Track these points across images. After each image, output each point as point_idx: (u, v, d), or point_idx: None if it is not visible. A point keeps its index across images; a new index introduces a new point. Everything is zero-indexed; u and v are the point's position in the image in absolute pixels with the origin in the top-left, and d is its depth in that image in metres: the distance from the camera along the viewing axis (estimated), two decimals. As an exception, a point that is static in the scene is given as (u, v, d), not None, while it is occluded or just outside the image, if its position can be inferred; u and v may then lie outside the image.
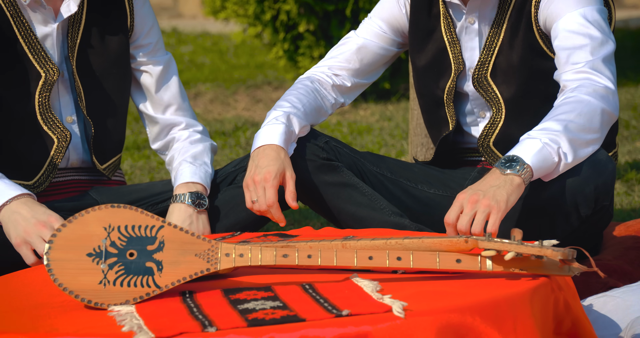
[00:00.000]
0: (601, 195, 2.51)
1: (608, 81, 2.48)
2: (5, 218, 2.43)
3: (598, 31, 2.54)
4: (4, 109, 2.64)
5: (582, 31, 2.54)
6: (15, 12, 2.62)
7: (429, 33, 2.77)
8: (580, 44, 2.53)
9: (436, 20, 2.76)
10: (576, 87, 2.47)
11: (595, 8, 2.58)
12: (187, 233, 2.06)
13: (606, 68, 2.51)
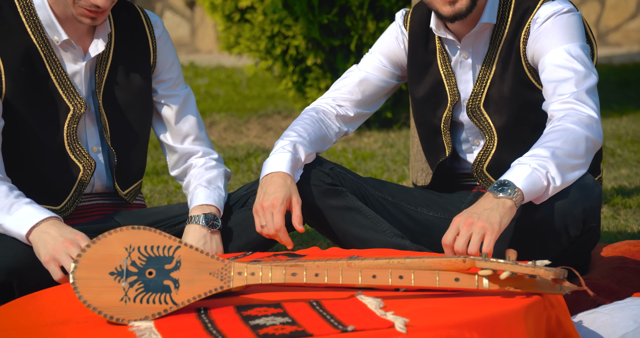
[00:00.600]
0: (589, 217, 2.50)
1: (592, 111, 2.49)
2: (36, 238, 2.42)
3: (581, 65, 2.55)
4: (34, 139, 2.64)
5: (566, 65, 2.55)
6: (48, 51, 2.63)
7: (426, 66, 2.77)
8: (565, 77, 2.54)
9: (432, 55, 2.76)
10: (562, 116, 2.48)
11: (578, 44, 2.59)
12: (202, 253, 2.06)
13: (590, 99, 2.51)
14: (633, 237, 3.42)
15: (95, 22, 2.54)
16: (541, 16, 2.62)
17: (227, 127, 5.51)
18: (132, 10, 2.74)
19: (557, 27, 2.61)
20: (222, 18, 5.33)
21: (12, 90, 2.59)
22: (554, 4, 2.63)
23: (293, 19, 5.04)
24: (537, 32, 2.62)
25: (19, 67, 2.59)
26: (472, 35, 2.69)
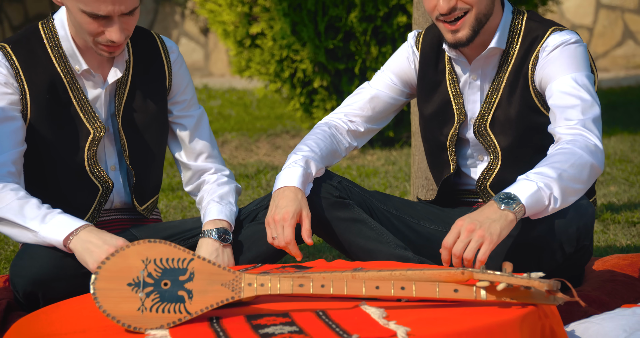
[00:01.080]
0: (582, 235, 2.49)
1: (597, 140, 2.48)
2: (79, 248, 2.42)
3: (588, 94, 2.54)
4: (57, 161, 2.65)
5: (574, 93, 2.54)
6: (71, 79, 2.63)
7: (435, 86, 2.76)
8: (572, 104, 2.52)
9: (442, 75, 2.75)
10: (570, 140, 2.46)
11: (584, 74, 2.58)
12: (214, 265, 2.06)
13: (595, 128, 2.50)
14: (622, 251, 3.40)
15: (113, 54, 2.56)
16: (550, 45, 2.61)
17: (238, 145, 5.52)
18: (149, 37, 2.75)
19: (564, 56, 2.60)
20: (234, 44, 5.34)
21: (37, 115, 2.60)
22: (562, 34, 2.62)
23: (301, 44, 5.05)
24: (546, 60, 2.61)
25: (44, 94, 2.60)
26: (481, 59, 2.68)
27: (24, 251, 2.51)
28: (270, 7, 5.05)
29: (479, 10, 2.59)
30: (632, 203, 4.06)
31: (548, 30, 2.64)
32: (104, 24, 2.48)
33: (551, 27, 2.65)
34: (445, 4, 2.56)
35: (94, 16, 2.47)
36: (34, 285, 2.46)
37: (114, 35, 2.49)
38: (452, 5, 2.57)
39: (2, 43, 2.62)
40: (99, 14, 2.46)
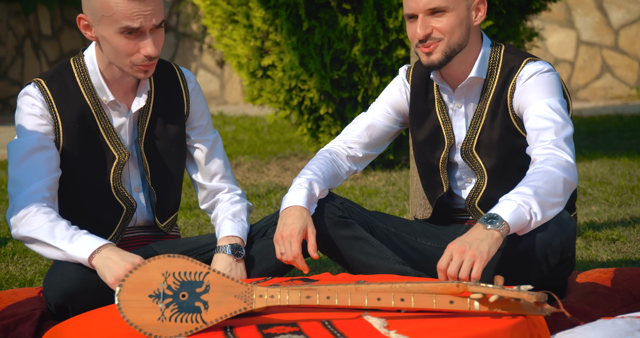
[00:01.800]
0: (565, 248, 2.48)
1: (569, 157, 2.48)
2: (100, 264, 2.42)
3: (560, 117, 2.55)
4: (85, 184, 2.65)
5: (547, 116, 2.54)
6: (98, 109, 2.63)
7: (426, 114, 2.76)
8: (546, 126, 2.53)
9: (431, 104, 2.76)
10: (544, 160, 2.47)
11: (557, 99, 2.59)
12: (228, 278, 2.05)
13: (567, 146, 2.51)
14: (603, 265, 3.39)
15: (147, 75, 2.56)
16: (525, 74, 2.62)
17: (250, 167, 5.51)
18: (169, 68, 2.75)
19: (539, 84, 2.60)
20: (247, 75, 5.35)
21: (68, 143, 2.60)
22: (536, 64, 2.63)
23: (308, 75, 5.06)
24: (522, 88, 2.62)
25: (75, 124, 2.61)
26: (463, 87, 2.69)
27: (55, 267, 2.51)
28: (280, 41, 5.06)
29: (451, 39, 2.60)
30: (612, 221, 4.04)
31: (523, 60, 2.65)
32: (138, 41, 2.49)
33: (526, 58, 2.67)
34: (421, 31, 2.59)
35: (129, 32, 2.48)
36: (64, 298, 2.46)
37: (149, 49, 2.49)
38: (428, 33, 2.59)
39: (38, 78, 2.63)
40: (133, 27, 2.46)
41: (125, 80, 2.63)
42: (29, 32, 7.76)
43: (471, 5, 2.62)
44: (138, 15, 2.45)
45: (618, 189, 4.62)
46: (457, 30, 2.60)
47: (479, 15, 2.64)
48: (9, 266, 3.56)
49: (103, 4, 2.47)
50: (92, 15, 2.51)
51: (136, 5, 2.45)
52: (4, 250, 3.76)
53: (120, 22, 2.46)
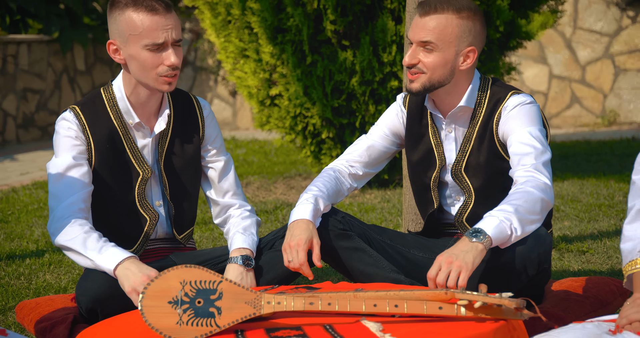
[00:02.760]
0: (542, 260, 2.47)
1: (547, 179, 2.48)
2: (121, 274, 2.42)
3: (539, 144, 2.55)
4: (113, 198, 2.65)
5: (528, 143, 2.54)
6: (125, 131, 2.64)
7: (420, 137, 2.75)
8: (527, 152, 2.53)
9: (425, 128, 2.74)
10: (524, 181, 2.46)
11: (537, 128, 2.59)
12: (239, 286, 2.03)
13: (545, 170, 2.50)
14: (574, 275, 3.37)
15: (170, 87, 2.58)
16: (510, 105, 2.62)
17: (259, 186, 5.49)
18: (187, 97, 2.75)
19: (521, 114, 2.60)
20: (257, 103, 5.35)
21: (99, 161, 2.61)
22: (519, 96, 2.63)
23: (311, 103, 5.06)
24: (507, 117, 2.62)
25: (105, 144, 2.61)
26: (453, 115, 2.68)
27: (86, 275, 2.51)
28: (286, 73, 5.06)
29: (433, 76, 2.60)
30: (582, 235, 4.03)
31: (509, 93, 2.65)
32: (161, 54, 2.53)
33: (511, 90, 2.67)
34: (408, 59, 2.61)
35: (154, 47, 2.51)
36: (94, 302, 2.45)
37: (172, 59, 2.52)
38: (413, 63, 2.61)
39: (73, 105, 2.65)
40: (157, 42, 2.50)
41: (149, 103, 2.64)
42: (65, 68, 7.86)
43: (461, 52, 2.60)
44: (161, 30, 2.50)
45: (587, 206, 4.60)
46: (440, 70, 2.59)
47: (466, 61, 2.62)
48: (45, 275, 3.55)
49: (130, 24, 2.51)
50: (120, 38, 2.54)
51: (159, 20, 2.49)
52: (41, 261, 3.75)
53: (146, 38, 2.50)
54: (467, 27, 2.59)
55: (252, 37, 5.08)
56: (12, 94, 7.23)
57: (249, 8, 4.95)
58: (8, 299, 3.21)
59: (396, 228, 4.22)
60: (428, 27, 2.58)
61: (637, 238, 2.14)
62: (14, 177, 5.95)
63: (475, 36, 2.62)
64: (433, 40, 2.58)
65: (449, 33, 2.57)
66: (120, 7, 2.53)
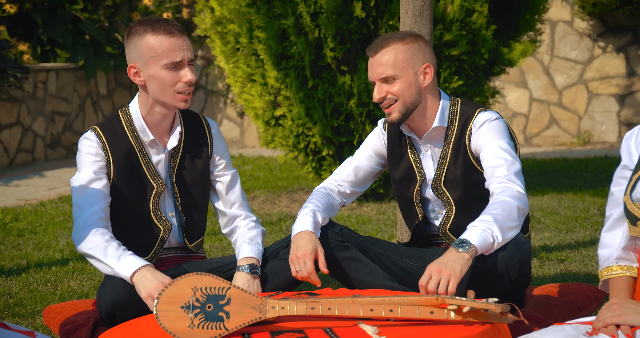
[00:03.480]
0: (523, 265, 2.45)
1: (520, 188, 2.47)
2: (137, 281, 2.40)
3: (509, 156, 2.54)
4: (130, 209, 2.64)
5: (499, 155, 2.54)
6: (141, 148, 2.64)
7: (400, 157, 2.75)
8: (499, 164, 2.52)
9: (404, 148, 2.74)
10: (500, 192, 2.46)
11: (505, 141, 2.59)
12: (246, 292, 2.01)
13: (517, 179, 2.50)
14: (554, 281, 3.34)
15: (186, 104, 2.59)
16: (478, 122, 2.62)
17: (264, 199, 5.47)
18: (197, 117, 2.76)
19: (490, 129, 2.61)
20: (263, 123, 5.34)
21: (117, 176, 2.61)
22: (486, 113, 2.63)
23: (312, 123, 5.05)
24: (477, 133, 2.62)
25: (122, 160, 2.61)
26: (427, 136, 2.68)
27: (106, 281, 2.50)
28: (290, 96, 5.06)
29: (404, 100, 2.60)
30: (561, 245, 4.00)
31: (476, 110, 2.65)
32: (179, 72, 2.55)
33: (478, 108, 2.67)
34: (377, 95, 2.61)
35: (172, 66, 2.54)
36: (114, 306, 2.44)
37: (189, 76, 2.55)
38: (383, 96, 2.61)
39: (94, 126, 2.66)
40: (175, 61, 2.53)
41: (163, 122, 2.64)
42: (89, 93, 7.92)
43: (418, 71, 2.61)
44: (178, 50, 2.53)
45: (565, 218, 4.58)
46: (408, 92, 2.60)
47: (426, 78, 2.63)
48: (70, 281, 3.53)
49: (150, 47, 2.53)
50: (141, 61, 2.56)
51: (176, 41, 2.52)
52: (66, 269, 3.73)
53: (165, 58, 2.53)
54: (414, 49, 2.61)
55: (259, 63, 5.08)
56: (41, 117, 7.27)
57: (256, 37, 4.95)
58: (36, 303, 3.19)
59: (391, 239, 4.20)
60: (382, 63, 2.59)
61: (614, 245, 2.14)
62: (42, 192, 5.94)
63: (425, 54, 2.63)
64: (391, 73, 2.59)
65: (400, 60, 2.59)
66: (139, 33, 2.55)
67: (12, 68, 6.37)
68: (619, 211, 2.14)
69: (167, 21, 2.56)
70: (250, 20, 4.95)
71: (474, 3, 4.74)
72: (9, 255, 3.99)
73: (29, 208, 5.20)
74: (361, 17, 4.74)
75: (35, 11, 7.33)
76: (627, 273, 2.11)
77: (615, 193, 2.14)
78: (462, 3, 4.71)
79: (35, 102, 7.22)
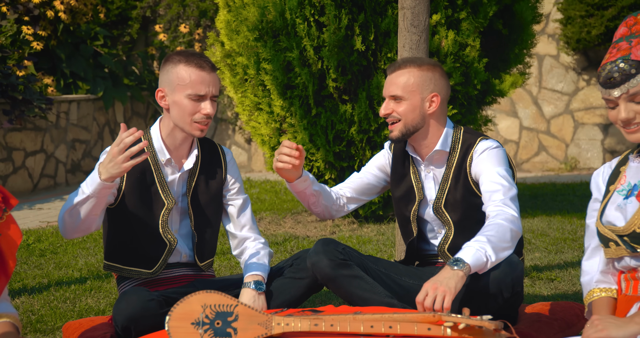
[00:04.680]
0: (516, 284, 2.43)
1: (514, 211, 2.46)
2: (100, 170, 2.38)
3: (506, 182, 2.54)
4: (139, 223, 2.62)
5: (497, 181, 2.54)
6: (157, 167, 2.64)
7: (403, 176, 2.74)
8: (496, 189, 2.52)
9: (407, 169, 2.74)
10: (495, 215, 2.45)
11: (504, 168, 2.59)
12: (253, 309, 1.98)
13: (512, 204, 2.49)
14: (544, 299, 3.30)
15: (202, 133, 2.60)
16: (479, 149, 2.62)
17: (270, 221, 5.44)
18: (213, 144, 2.77)
19: (490, 157, 2.60)
20: (269, 149, 5.33)
21: (129, 189, 2.59)
22: (487, 142, 2.63)
23: (316, 149, 5.04)
24: (477, 160, 2.61)
25: (137, 174, 2.61)
26: (430, 157, 2.68)
27: (122, 297, 2.47)
28: (294, 123, 5.06)
29: (407, 121, 2.62)
30: (551, 265, 3.97)
31: (478, 139, 2.66)
32: (200, 104, 2.56)
33: (480, 136, 2.68)
34: (383, 110, 2.65)
35: (195, 98, 2.55)
36: (129, 321, 2.41)
37: (208, 109, 2.56)
38: (388, 112, 2.64)
39: None
40: (199, 94, 2.55)
41: (182, 145, 2.65)
42: (107, 122, 8.01)
43: (425, 98, 2.63)
44: (204, 84, 2.55)
45: (554, 240, 4.55)
46: (411, 115, 2.62)
47: (432, 105, 2.64)
48: (87, 299, 3.50)
49: (179, 76, 2.56)
50: (169, 87, 2.58)
51: (205, 76, 2.55)
52: (84, 287, 3.71)
53: (190, 89, 2.55)
54: (427, 77, 2.62)
55: (265, 93, 5.09)
56: (63, 144, 7.33)
57: (263, 68, 4.97)
58: (56, 320, 3.17)
59: (390, 258, 4.16)
60: (395, 83, 2.63)
61: (593, 271, 2.18)
62: (62, 214, 5.94)
63: (437, 84, 2.64)
64: (400, 94, 2.62)
65: (411, 84, 2.61)
66: (174, 62, 2.58)
67: (38, 100, 6.49)
68: (596, 241, 2.18)
69: (202, 56, 2.58)
70: (257, 53, 4.97)
71: (467, 38, 4.77)
72: (32, 274, 3.97)
73: (51, 230, 5.18)
74: (361, 50, 4.76)
75: (59, 47, 7.48)
76: (607, 294, 2.14)
77: (590, 225, 2.20)
78: (455, 38, 4.73)
79: (57, 131, 7.29)
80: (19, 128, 6.76)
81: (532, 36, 5.12)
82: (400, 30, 3.39)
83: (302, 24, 4.77)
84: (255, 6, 4.90)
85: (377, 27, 4.76)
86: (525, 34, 5.06)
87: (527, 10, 5.00)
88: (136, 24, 8.45)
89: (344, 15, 4.69)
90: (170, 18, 8.38)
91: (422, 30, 3.32)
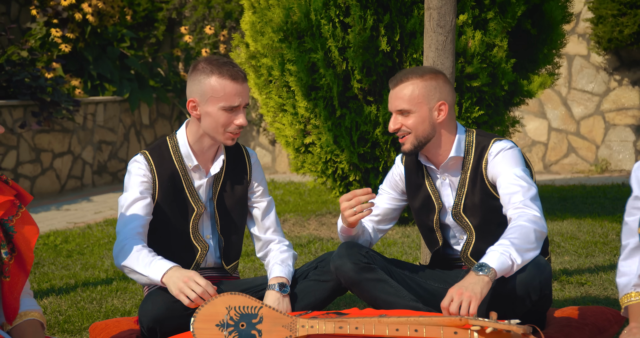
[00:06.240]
0: (544, 286, 2.41)
1: (536, 211, 2.44)
2: (167, 281, 2.41)
3: (525, 182, 2.52)
4: (171, 229, 2.65)
5: (515, 182, 2.52)
6: (185, 173, 2.66)
7: (419, 187, 2.72)
8: (515, 191, 2.50)
9: (422, 179, 2.72)
10: (517, 217, 2.43)
11: (520, 168, 2.56)
12: (277, 311, 1.98)
13: (533, 204, 2.47)
14: (574, 304, 3.26)
15: (233, 142, 2.62)
16: (494, 151, 2.60)
17: (294, 223, 5.45)
18: (238, 147, 2.78)
19: (506, 158, 2.58)
20: (293, 150, 5.35)
21: (161, 197, 2.63)
22: (501, 143, 2.61)
23: (340, 150, 5.04)
24: (493, 162, 2.60)
25: (167, 182, 2.63)
26: (445, 165, 2.66)
27: (147, 298, 2.50)
28: (319, 124, 5.06)
29: (417, 133, 2.60)
30: (581, 269, 3.93)
31: (491, 140, 2.63)
32: (233, 115, 2.58)
33: (493, 138, 2.65)
34: (392, 125, 2.63)
35: (229, 109, 2.57)
36: (154, 322, 2.43)
37: (241, 120, 2.58)
38: (397, 128, 2.62)
39: (144, 150, 2.70)
40: (233, 105, 2.56)
41: (209, 151, 2.67)
42: (133, 123, 8.10)
43: (433, 107, 2.60)
44: (238, 96, 2.56)
45: (584, 243, 4.50)
46: (421, 126, 2.59)
47: (441, 114, 2.62)
48: (113, 300, 3.54)
49: (214, 88, 2.57)
50: (201, 97, 2.59)
51: (238, 87, 2.55)
52: (110, 288, 3.75)
53: (224, 101, 2.57)
54: (432, 86, 2.59)
55: (290, 94, 5.10)
56: (89, 146, 7.43)
57: (287, 70, 4.98)
58: (83, 321, 3.21)
59: (415, 261, 4.15)
60: (399, 97, 2.59)
61: (632, 273, 2.12)
62: (90, 215, 6.01)
63: (442, 92, 2.61)
64: (406, 107, 2.59)
65: (416, 96, 2.58)
66: (206, 72, 2.57)
67: (65, 102, 6.61)
68: (634, 241, 2.11)
69: (234, 66, 2.59)
70: (282, 55, 4.99)
71: (494, 38, 4.73)
72: (59, 275, 4.02)
73: (78, 231, 5.25)
74: (386, 51, 4.75)
75: (87, 49, 7.60)
76: None
77: (629, 223, 2.12)
78: (482, 38, 4.70)
79: (84, 132, 7.39)
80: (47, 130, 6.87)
81: (562, 36, 5.07)
82: (426, 30, 3.38)
83: (327, 25, 4.78)
84: (280, 7, 4.91)
85: (403, 28, 4.75)
86: (554, 33, 5.01)
87: (557, 10, 4.95)
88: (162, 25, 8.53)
89: (369, 16, 4.69)
90: (195, 20, 8.44)
91: (448, 30, 3.31)
